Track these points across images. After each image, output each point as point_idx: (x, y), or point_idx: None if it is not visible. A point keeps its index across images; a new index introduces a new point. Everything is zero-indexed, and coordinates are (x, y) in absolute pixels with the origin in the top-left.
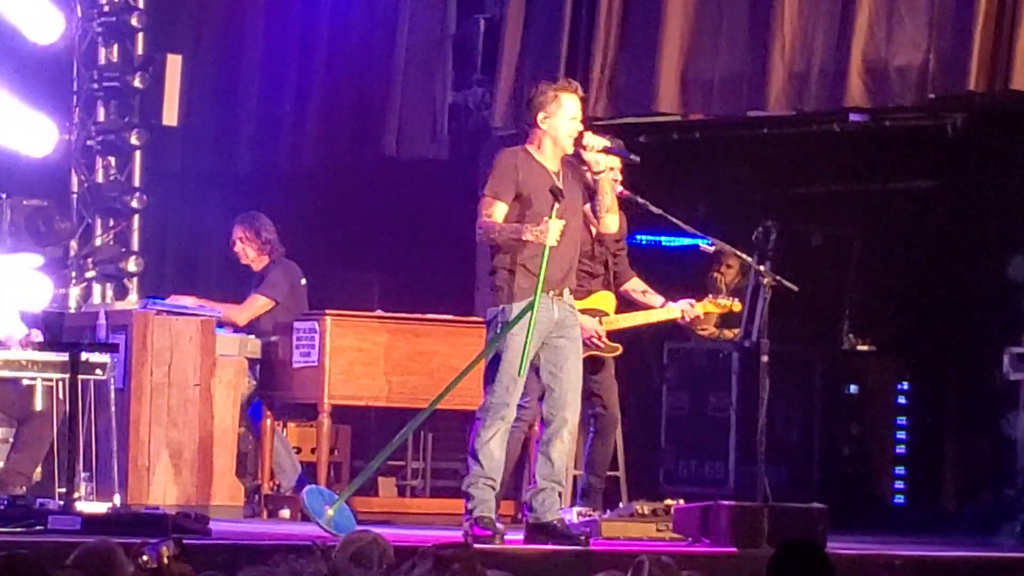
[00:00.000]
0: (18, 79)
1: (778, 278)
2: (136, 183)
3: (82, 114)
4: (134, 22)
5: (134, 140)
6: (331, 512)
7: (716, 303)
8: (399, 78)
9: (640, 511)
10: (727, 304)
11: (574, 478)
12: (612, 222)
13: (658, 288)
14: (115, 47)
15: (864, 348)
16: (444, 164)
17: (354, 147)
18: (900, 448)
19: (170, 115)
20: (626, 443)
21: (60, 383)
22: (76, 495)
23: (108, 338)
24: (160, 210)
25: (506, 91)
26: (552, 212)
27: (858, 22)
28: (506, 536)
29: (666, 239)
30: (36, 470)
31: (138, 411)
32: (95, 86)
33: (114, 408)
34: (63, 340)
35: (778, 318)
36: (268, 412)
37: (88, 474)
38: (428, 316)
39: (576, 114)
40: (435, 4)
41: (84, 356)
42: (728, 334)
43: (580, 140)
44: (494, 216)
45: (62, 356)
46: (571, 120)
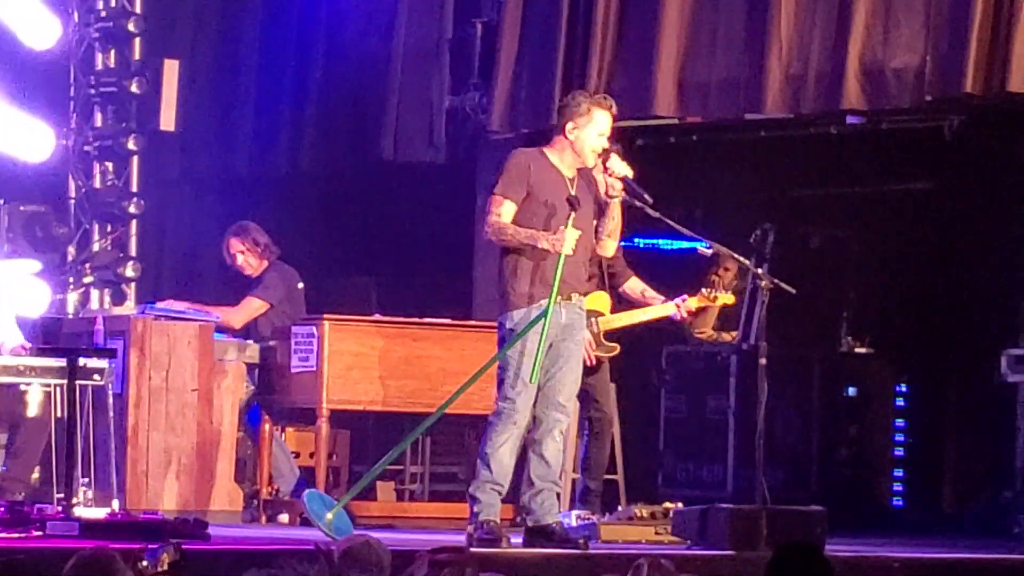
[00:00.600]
0: (15, 85)
1: (776, 280)
2: (134, 188)
3: (79, 119)
4: (131, 27)
5: (132, 145)
6: (330, 516)
7: (709, 297)
8: (396, 82)
9: (639, 514)
10: (720, 297)
11: (572, 481)
12: (611, 247)
13: (656, 291)
14: (112, 52)
15: (862, 350)
16: (441, 168)
17: (352, 151)
18: (899, 450)
19: (167, 120)
20: (624, 446)
21: (58, 389)
22: (75, 501)
23: (106, 343)
24: (158, 215)
25: (503, 95)
26: (568, 221)
27: (855, 25)
28: None
29: (664, 242)
30: (34, 476)
31: (136, 416)
32: (92, 91)
33: (112, 413)
34: (61, 346)
35: (776, 320)
36: (267, 417)
37: (87, 479)
38: (426, 320)
39: (605, 131)
40: (432, 8)
41: (82, 361)
42: (726, 337)
43: (605, 158)
44: (503, 215)
45: (60, 362)
46: (599, 136)
